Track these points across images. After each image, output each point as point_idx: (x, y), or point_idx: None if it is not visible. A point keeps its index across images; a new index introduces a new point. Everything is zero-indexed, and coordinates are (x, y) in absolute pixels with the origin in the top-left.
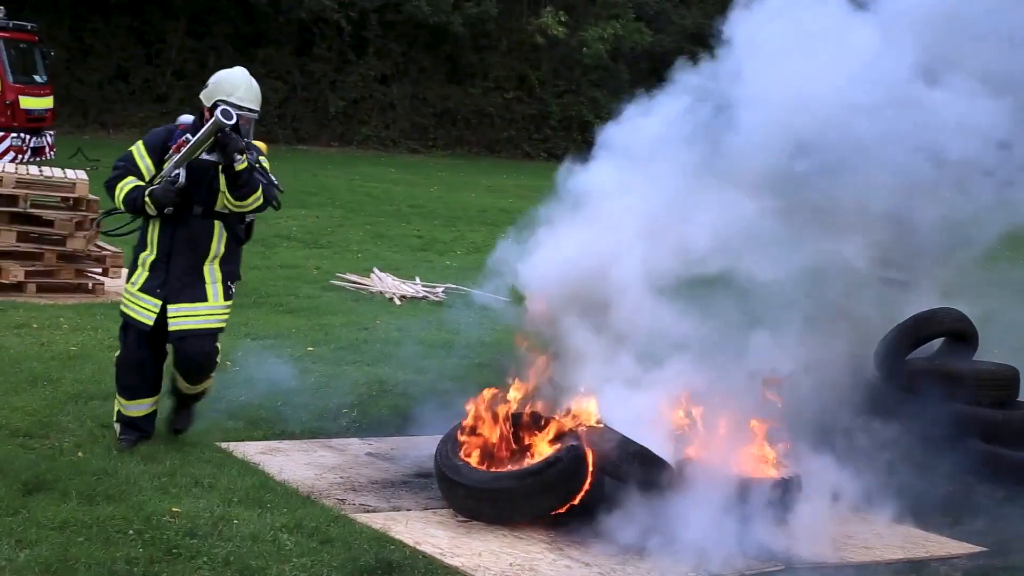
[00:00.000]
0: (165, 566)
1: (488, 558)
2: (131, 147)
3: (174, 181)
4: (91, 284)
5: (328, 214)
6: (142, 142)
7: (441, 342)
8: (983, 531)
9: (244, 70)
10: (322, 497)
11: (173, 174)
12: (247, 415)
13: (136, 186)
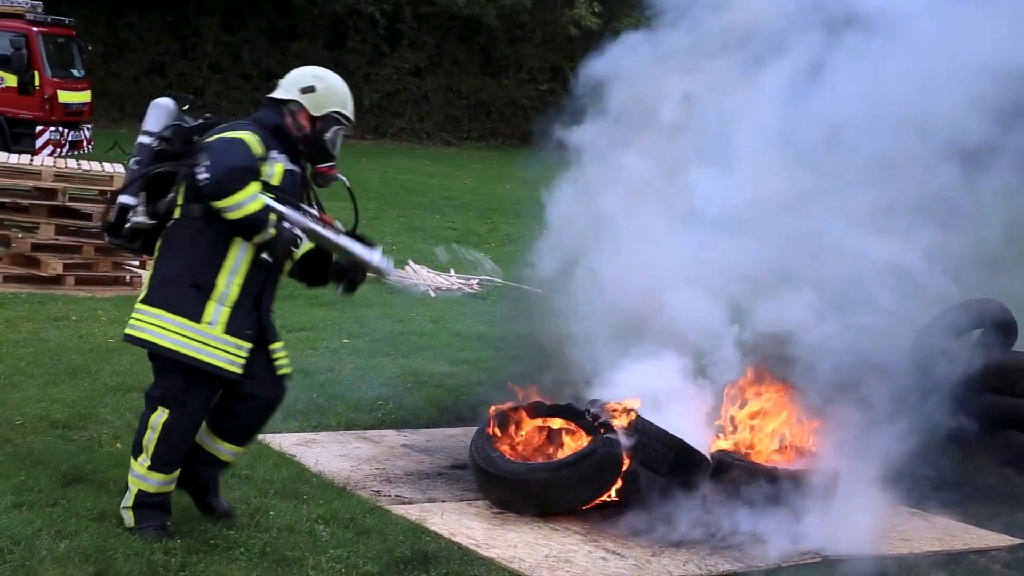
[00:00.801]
0: (202, 556)
1: (523, 550)
2: (239, 136)
3: (297, 244)
4: (128, 277)
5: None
6: (256, 138)
7: (476, 334)
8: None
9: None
10: (358, 489)
11: (294, 232)
12: (283, 407)
13: (268, 207)
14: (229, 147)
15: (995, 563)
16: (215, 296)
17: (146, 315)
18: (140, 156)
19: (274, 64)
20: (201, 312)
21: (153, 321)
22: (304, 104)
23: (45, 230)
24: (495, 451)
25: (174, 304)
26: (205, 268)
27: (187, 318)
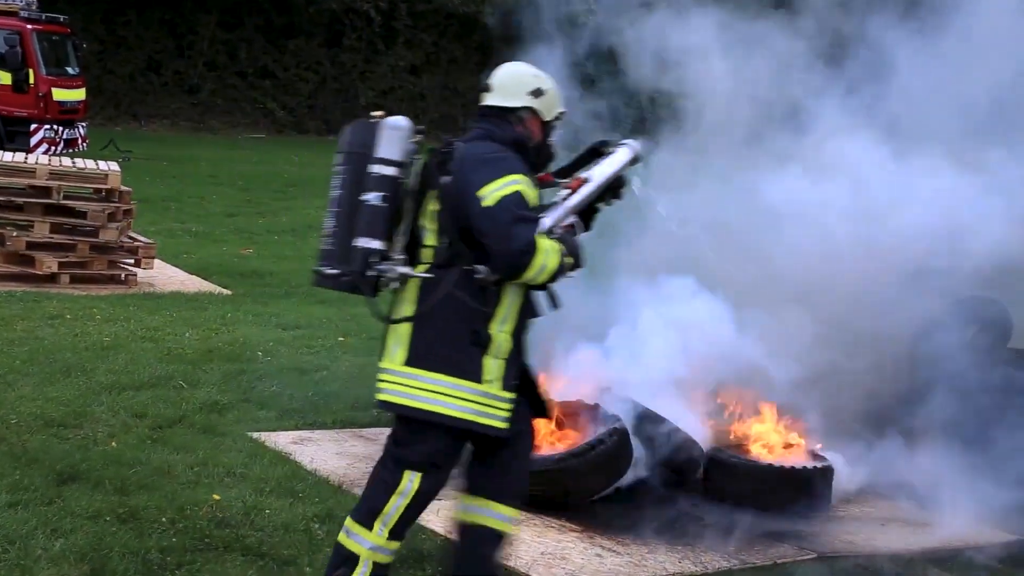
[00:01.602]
0: (198, 555)
1: (519, 547)
2: (510, 184)
3: (575, 233)
4: (124, 275)
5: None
6: (527, 180)
7: None
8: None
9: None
10: (354, 487)
11: (567, 222)
12: (279, 405)
13: (559, 249)
14: (512, 213)
15: (991, 559)
16: (492, 351)
17: (415, 380)
18: (384, 191)
19: (270, 62)
20: (481, 371)
21: (426, 387)
22: (537, 109)
23: (40, 228)
24: None
25: (453, 365)
26: (482, 321)
27: (470, 380)
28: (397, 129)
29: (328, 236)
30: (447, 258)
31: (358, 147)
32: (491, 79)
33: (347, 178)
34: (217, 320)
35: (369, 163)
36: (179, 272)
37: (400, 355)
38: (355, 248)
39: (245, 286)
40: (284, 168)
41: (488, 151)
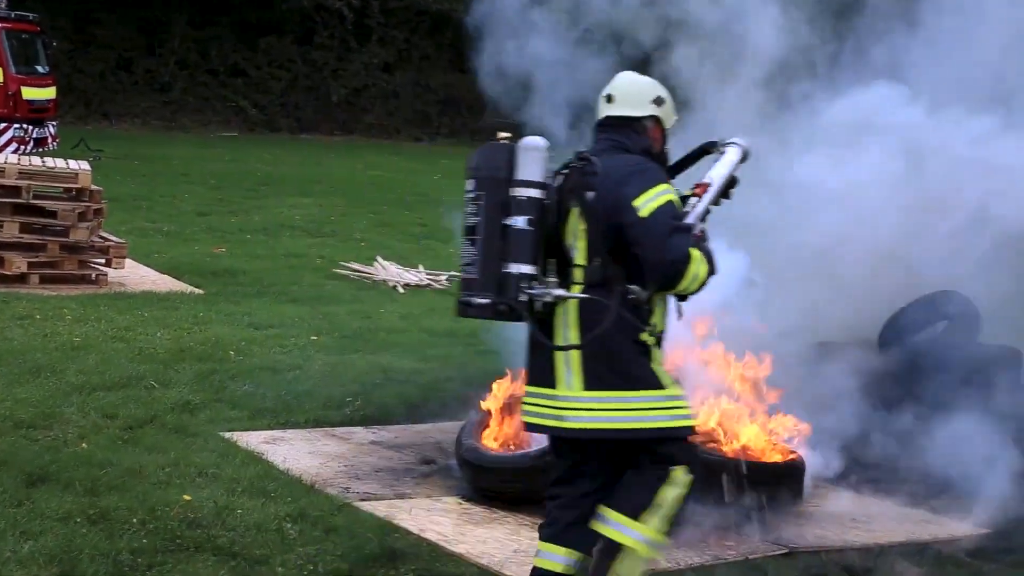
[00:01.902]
0: (169, 556)
1: (493, 545)
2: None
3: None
4: (94, 275)
5: (331, 203)
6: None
7: (445, 330)
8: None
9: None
10: (326, 486)
11: (699, 229)
12: (251, 405)
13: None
14: (668, 224)
15: (959, 552)
16: (655, 358)
17: (602, 402)
18: (530, 214)
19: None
20: (658, 377)
21: (617, 406)
22: (660, 117)
23: (9, 228)
24: (479, 443)
25: (633, 380)
26: (641, 333)
27: (653, 389)
28: (536, 150)
29: (470, 264)
30: (601, 276)
31: (494, 171)
32: (611, 90)
33: (485, 203)
34: (189, 319)
35: (510, 187)
36: (150, 271)
37: (577, 382)
38: (508, 275)
39: (217, 285)
40: (256, 166)
41: (632, 163)
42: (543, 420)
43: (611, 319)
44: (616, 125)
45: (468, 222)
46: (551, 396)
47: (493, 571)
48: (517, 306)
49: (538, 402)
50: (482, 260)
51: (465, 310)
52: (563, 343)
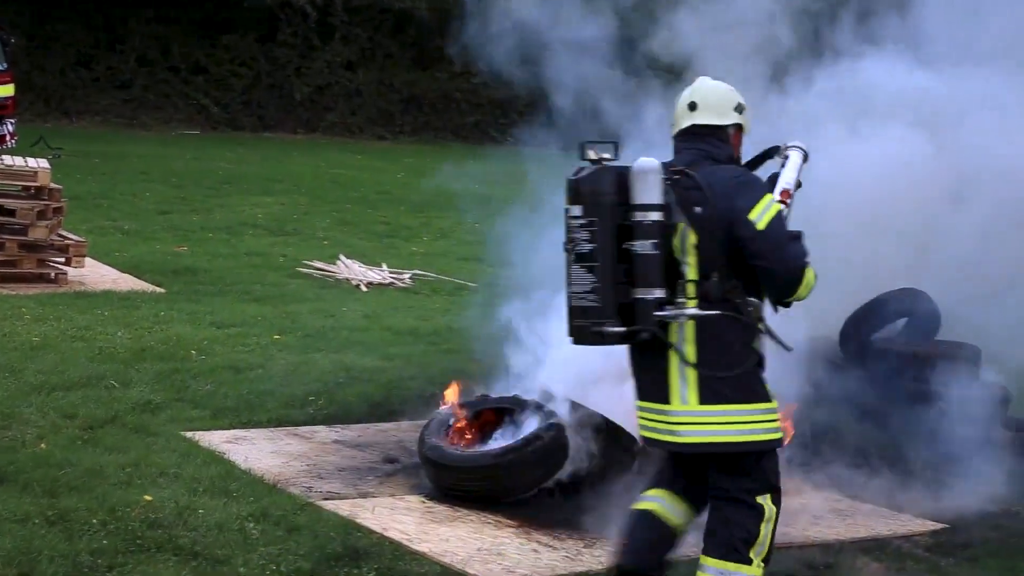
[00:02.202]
0: (129, 557)
1: (456, 543)
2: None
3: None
4: (54, 274)
5: (294, 201)
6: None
7: (408, 328)
8: (945, 509)
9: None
10: (289, 485)
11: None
12: (213, 404)
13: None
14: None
15: (918, 547)
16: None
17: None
18: (654, 237)
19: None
20: (766, 390)
21: (734, 420)
22: (742, 124)
23: None
24: (444, 441)
25: (750, 392)
26: (754, 343)
27: (763, 402)
28: (654, 172)
29: (589, 292)
30: (720, 291)
31: (606, 195)
32: (694, 97)
33: (600, 229)
34: (150, 319)
35: (628, 211)
36: (111, 270)
37: (692, 396)
38: (642, 300)
39: (179, 284)
40: (218, 165)
41: (734, 174)
42: (657, 435)
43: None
44: (702, 134)
45: (581, 249)
46: (663, 411)
47: (456, 570)
48: (657, 332)
49: (651, 417)
50: (605, 287)
51: (597, 339)
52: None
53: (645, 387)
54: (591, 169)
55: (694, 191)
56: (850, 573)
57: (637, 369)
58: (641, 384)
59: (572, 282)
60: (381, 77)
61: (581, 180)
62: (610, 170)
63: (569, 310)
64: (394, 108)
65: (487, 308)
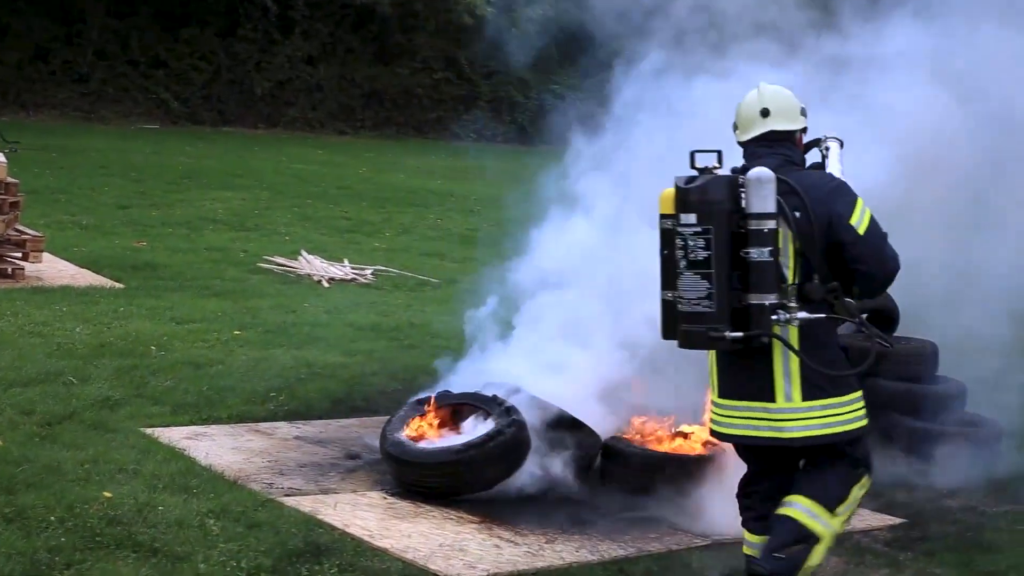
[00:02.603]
0: (88, 554)
1: (417, 539)
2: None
3: None
4: (11, 269)
5: (254, 196)
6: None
7: (370, 324)
8: (902, 504)
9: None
10: (249, 481)
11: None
12: (172, 400)
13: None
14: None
15: (876, 542)
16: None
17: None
18: (770, 245)
19: (163, 51)
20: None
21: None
22: (806, 128)
23: None
24: (405, 437)
25: (846, 386)
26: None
27: (855, 392)
28: (769, 181)
29: (704, 298)
30: (823, 293)
31: (722, 203)
32: (765, 103)
33: (715, 237)
34: (109, 314)
35: (743, 219)
36: (69, 265)
37: (796, 393)
38: (758, 307)
39: (138, 279)
40: (178, 159)
41: (826, 179)
42: (756, 432)
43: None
44: (779, 139)
45: (696, 256)
46: (766, 409)
47: (418, 565)
48: (776, 336)
49: (747, 416)
50: (720, 293)
51: (714, 344)
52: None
53: (738, 386)
54: (705, 178)
55: (791, 196)
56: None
57: (727, 369)
58: (732, 383)
59: (684, 288)
60: (342, 72)
61: (693, 189)
62: (723, 179)
63: (677, 316)
64: (355, 103)
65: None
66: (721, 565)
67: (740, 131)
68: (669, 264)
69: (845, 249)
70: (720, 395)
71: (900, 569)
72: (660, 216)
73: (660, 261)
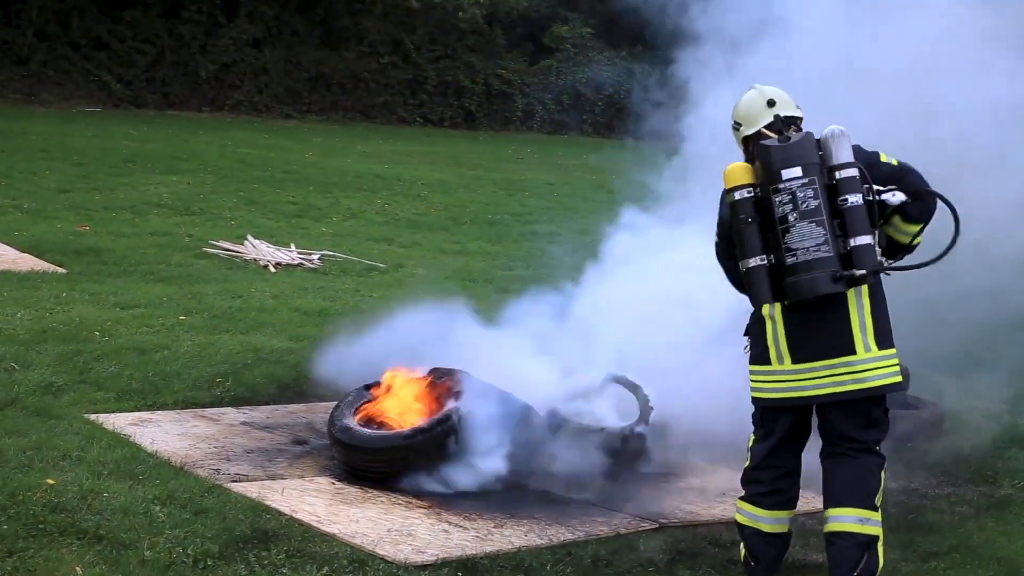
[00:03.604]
0: (31, 542)
1: (365, 525)
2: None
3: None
4: None
5: (199, 180)
6: None
7: (317, 309)
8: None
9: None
10: (196, 468)
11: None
12: (117, 386)
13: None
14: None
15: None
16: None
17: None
18: (861, 191)
19: (105, 33)
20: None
21: (893, 362)
22: (802, 117)
23: None
24: (353, 422)
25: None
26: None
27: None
28: (845, 135)
29: (822, 244)
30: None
31: (813, 159)
32: (769, 95)
33: (817, 189)
34: (51, 299)
35: (832, 171)
36: (9, 250)
37: (872, 342)
38: (860, 247)
39: (81, 264)
40: (121, 143)
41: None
42: (841, 388)
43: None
44: (787, 122)
45: (808, 206)
46: (848, 363)
47: (366, 551)
48: (887, 270)
49: (829, 373)
50: (832, 238)
51: (840, 285)
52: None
53: (815, 347)
54: (798, 136)
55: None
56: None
57: (797, 333)
58: (807, 345)
59: (798, 239)
60: (288, 55)
61: (794, 145)
62: (809, 137)
63: (782, 272)
64: (301, 87)
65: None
66: (669, 548)
67: (746, 125)
68: (759, 229)
69: (898, 179)
70: (794, 361)
71: None
72: (731, 189)
73: (740, 231)
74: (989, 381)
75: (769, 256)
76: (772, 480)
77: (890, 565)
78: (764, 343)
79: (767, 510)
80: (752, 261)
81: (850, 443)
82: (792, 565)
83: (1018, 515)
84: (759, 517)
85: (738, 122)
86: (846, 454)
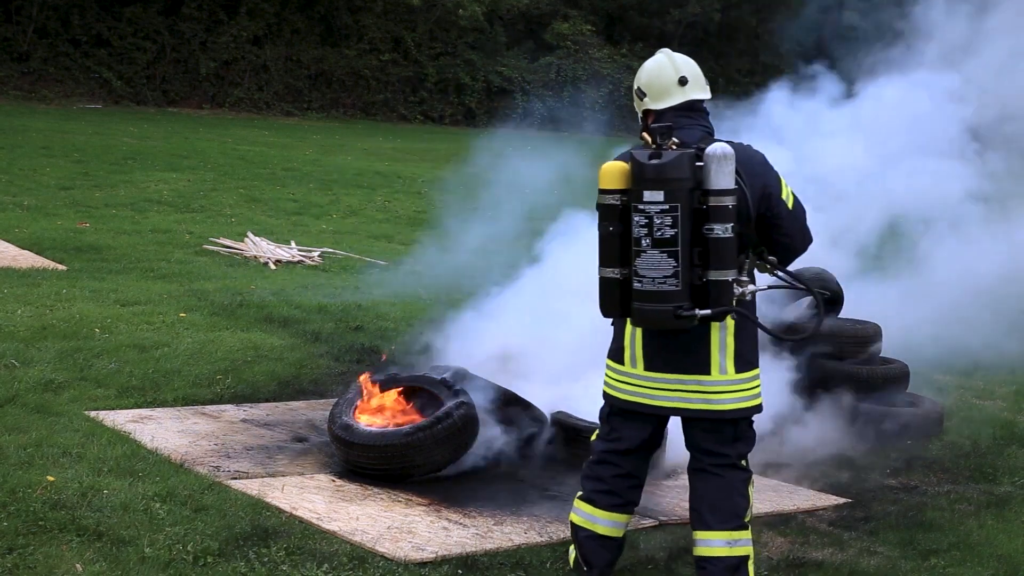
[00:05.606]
0: (31, 539)
1: (365, 522)
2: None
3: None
4: None
5: (200, 177)
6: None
7: (316, 306)
8: (846, 484)
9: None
10: (196, 465)
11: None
12: (117, 383)
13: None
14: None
15: (822, 522)
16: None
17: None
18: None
19: (105, 30)
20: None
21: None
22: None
23: None
24: (353, 419)
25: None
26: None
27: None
28: (731, 158)
29: (670, 276)
30: (751, 265)
31: (683, 180)
32: (682, 72)
33: (678, 217)
34: (51, 296)
35: (704, 195)
36: (10, 247)
37: (730, 365)
38: (716, 283)
39: (81, 261)
40: (122, 140)
41: (752, 153)
42: (687, 404)
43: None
44: (696, 109)
45: (663, 234)
46: (699, 382)
47: (367, 548)
48: (741, 311)
49: (677, 388)
50: (683, 271)
51: (681, 322)
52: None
53: (670, 360)
54: (670, 154)
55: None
56: (755, 547)
57: (654, 343)
58: (662, 357)
59: (646, 267)
60: (289, 53)
61: (660, 166)
62: (686, 155)
63: (629, 294)
64: (302, 84)
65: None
66: (669, 546)
67: (651, 99)
68: (618, 241)
69: (776, 222)
70: (646, 368)
71: (844, 548)
72: (603, 191)
73: (602, 237)
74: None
75: (624, 270)
76: (611, 479)
77: (890, 563)
78: (622, 341)
79: (604, 511)
80: (605, 271)
81: (712, 457)
82: (792, 564)
83: (1018, 512)
84: (596, 518)
85: (643, 90)
86: (709, 471)
